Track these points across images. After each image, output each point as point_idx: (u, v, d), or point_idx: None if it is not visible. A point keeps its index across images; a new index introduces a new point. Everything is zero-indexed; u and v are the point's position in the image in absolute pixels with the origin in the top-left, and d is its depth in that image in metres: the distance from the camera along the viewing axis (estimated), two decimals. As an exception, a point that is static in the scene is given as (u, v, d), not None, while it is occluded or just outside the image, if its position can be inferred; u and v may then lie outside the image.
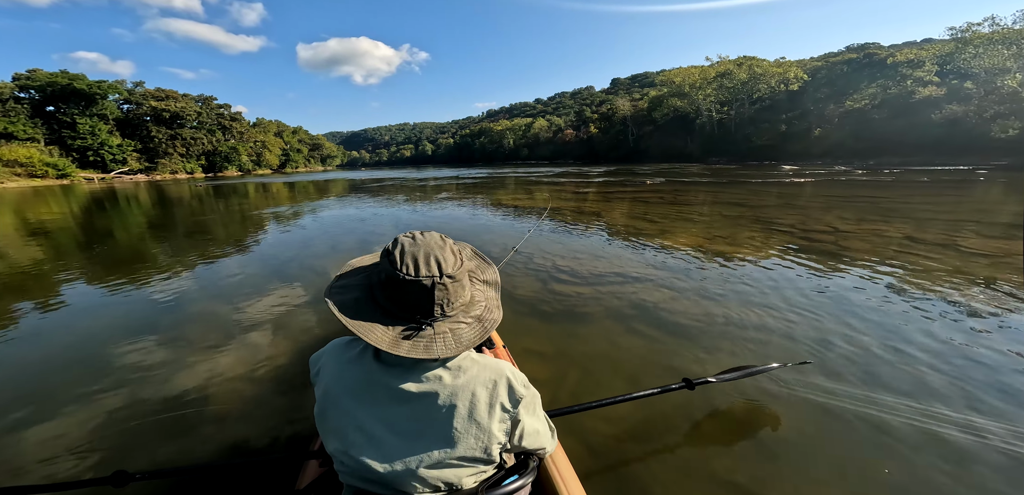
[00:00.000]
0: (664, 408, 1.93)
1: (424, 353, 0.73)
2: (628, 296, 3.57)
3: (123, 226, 9.47)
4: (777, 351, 2.57)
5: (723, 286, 3.80)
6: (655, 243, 5.64)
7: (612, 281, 4.01)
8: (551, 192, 14.29)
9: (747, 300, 3.43)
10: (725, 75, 53.81)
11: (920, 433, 1.80)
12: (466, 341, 0.79)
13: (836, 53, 54.38)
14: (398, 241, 0.81)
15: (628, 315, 3.18)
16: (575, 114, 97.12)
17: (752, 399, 2.02)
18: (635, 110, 72.97)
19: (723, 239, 5.77)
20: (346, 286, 0.83)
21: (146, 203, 15.43)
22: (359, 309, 0.78)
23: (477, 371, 0.82)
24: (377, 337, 0.74)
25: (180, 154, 66.70)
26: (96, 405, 2.24)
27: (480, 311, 0.85)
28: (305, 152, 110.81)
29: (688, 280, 4.00)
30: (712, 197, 11.44)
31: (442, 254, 0.79)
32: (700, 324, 2.99)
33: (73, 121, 51.35)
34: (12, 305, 3.95)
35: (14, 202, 17.11)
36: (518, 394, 0.84)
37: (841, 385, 2.16)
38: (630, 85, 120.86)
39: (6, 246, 7.24)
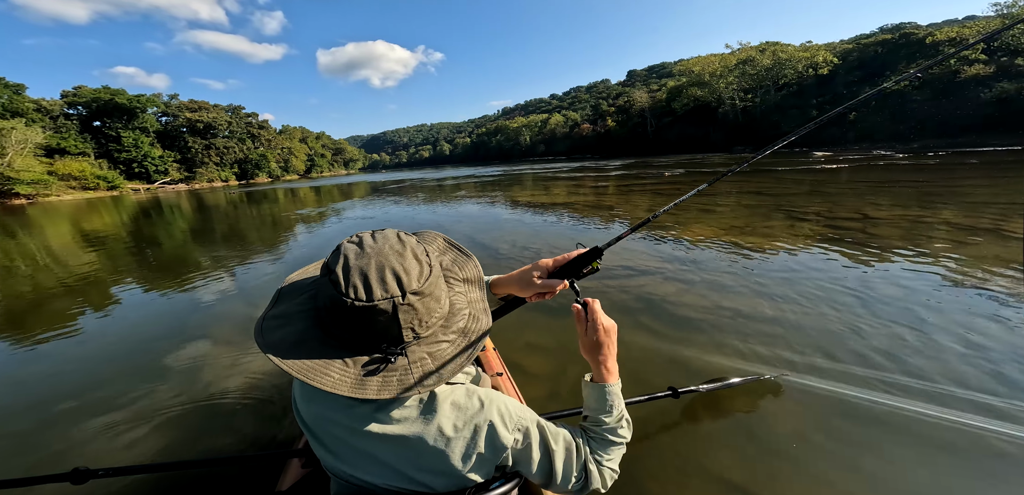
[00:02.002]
0: (652, 413, 1.90)
1: (398, 389, 0.58)
2: (635, 290, 3.50)
3: (168, 234, 10.10)
4: (784, 347, 2.46)
5: (735, 278, 3.65)
6: (668, 235, 5.49)
7: (620, 274, 3.94)
8: (568, 187, 14.16)
9: (760, 292, 3.29)
10: (747, 62, 51.72)
11: (927, 436, 1.69)
12: (452, 367, 0.63)
13: (868, 35, 51.15)
14: (341, 251, 0.61)
15: (634, 309, 3.11)
16: (591, 108, 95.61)
17: (736, 404, 1.96)
18: (653, 101, 71.17)
19: (740, 230, 5.54)
20: (284, 317, 0.64)
21: (188, 211, 16.34)
22: (305, 346, 0.60)
23: (452, 414, 0.66)
24: (334, 382, 0.57)
25: (215, 163, 70.34)
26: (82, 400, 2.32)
27: (464, 322, 0.68)
28: (329, 157, 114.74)
29: (699, 272, 3.87)
30: (731, 186, 11.01)
31: (403, 264, 0.60)
32: (708, 318, 2.89)
33: (117, 135, 55.07)
34: (67, 307, 4.29)
35: (70, 214, 18.57)
36: (502, 441, 0.68)
37: (833, 385, 2.07)
38: (647, 76, 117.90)
39: (66, 255, 7.88)
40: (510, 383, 1.59)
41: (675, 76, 74.30)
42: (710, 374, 2.17)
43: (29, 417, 2.26)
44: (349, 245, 0.62)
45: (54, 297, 4.72)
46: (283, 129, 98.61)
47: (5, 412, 2.32)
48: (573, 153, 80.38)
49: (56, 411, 2.28)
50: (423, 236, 0.79)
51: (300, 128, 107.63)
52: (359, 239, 0.63)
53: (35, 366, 2.92)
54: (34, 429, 2.14)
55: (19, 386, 2.64)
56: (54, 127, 49.77)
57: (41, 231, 11.86)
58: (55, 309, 4.25)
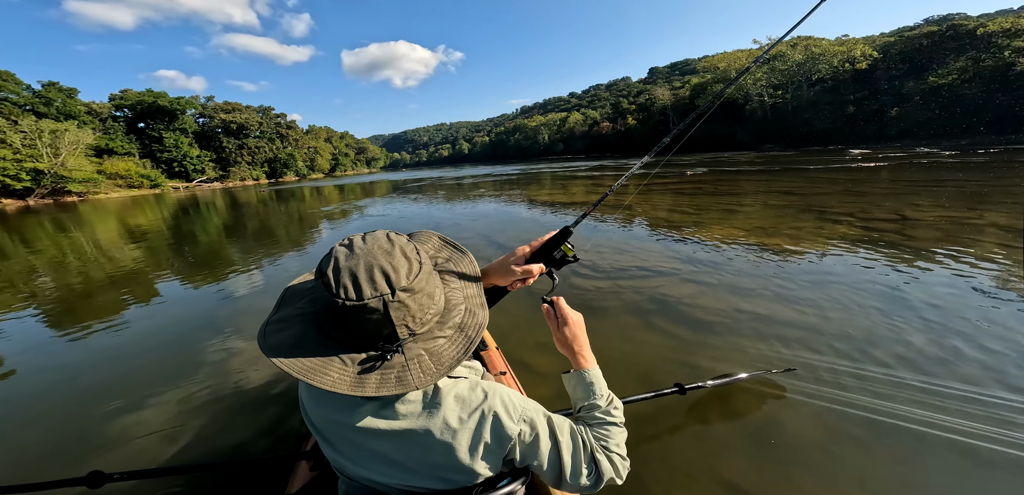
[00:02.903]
0: (659, 411, 1.89)
1: (397, 388, 0.60)
2: (649, 291, 3.45)
3: (204, 231, 10.68)
4: (803, 350, 2.37)
5: (756, 281, 3.54)
6: (686, 236, 5.36)
7: (634, 275, 3.88)
8: (586, 186, 14.02)
9: (783, 296, 3.17)
10: (777, 57, 49.51)
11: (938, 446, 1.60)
12: (448, 360, 0.64)
13: (912, 27, 47.80)
14: (333, 254, 0.63)
15: (647, 310, 3.07)
16: (611, 106, 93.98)
17: (744, 404, 1.94)
18: (676, 99, 69.36)
19: (764, 231, 5.35)
20: (285, 320, 0.67)
21: (222, 209, 17.14)
22: (305, 348, 0.62)
23: (456, 407, 0.67)
24: (334, 381, 0.59)
25: (247, 162, 73.63)
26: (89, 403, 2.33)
27: (460, 317, 0.69)
28: (352, 156, 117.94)
29: (717, 274, 3.77)
30: (758, 186, 10.61)
31: (391, 262, 0.61)
32: (725, 321, 2.82)
33: (160, 135, 58.58)
34: (107, 300, 4.64)
35: (117, 210, 19.96)
36: (507, 432, 0.68)
37: (833, 390, 2.01)
38: (669, 73, 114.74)
39: (113, 249, 8.49)
40: (514, 382, 1.60)
41: (699, 73, 72.10)
42: (739, 367, 2.14)
43: (67, 409, 2.36)
44: (340, 248, 0.64)
45: (101, 289, 5.10)
46: (309, 129, 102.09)
47: (49, 401, 2.45)
48: (592, 152, 79.44)
49: (87, 405, 2.40)
50: (417, 236, 0.81)
51: (325, 128, 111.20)
52: (350, 242, 0.64)
53: (79, 356, 3.11)
54: (70, 420, 2.23)
55: (64, 374, 2.86)
56: (103, 129, 53.44)
57: (91, 227, 12.79)
58: (101, 302, 4.60)
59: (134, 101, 58.19)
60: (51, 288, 5.22)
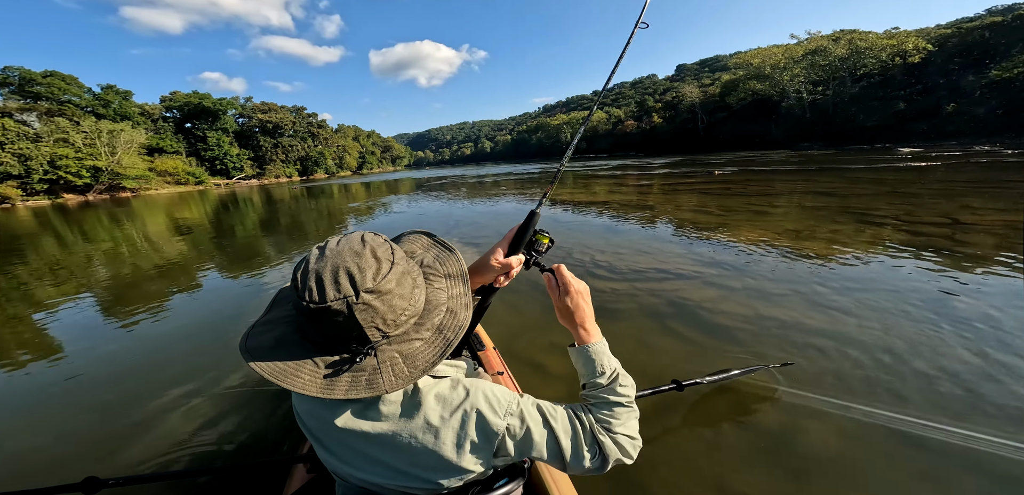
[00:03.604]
0: (656, 408, 1.87)
1: (367, 391, 0.59)
2: (668, 294, 3.34)
3: (242, 225, 11.33)
4: (832, 362, 2.23)
5: (784, 286, 3.36)
6: (711, 238, 5.16)
7: (653, 277, 3.78)
8: (608, 186, 13.79)
9: (813, 302, 3.00)
10: (818, 52, 46.81)
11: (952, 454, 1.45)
12: (423, 363, 0.63)
13: (972, 19, 43.68)
14: (306, 255, 0.63)
15: (665, 314, 2.98)
16: (636, 104, 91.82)
17: (741, 399, 1.96)
18: (705, 96, 66.99)
19: (797, 234, 5.07)
20: (269, 323, 0.67)
21: (258, 205, 18.07)
22: (282, 350, 0.62)
23: (437, 406, 0.67)
24: (304, 383, 0.59)
25: (281, 160, 77.22)
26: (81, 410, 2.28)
27: (440, 318, 0.68)
28: (378, 154, 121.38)
29: (742, 278, 3.61)
30: (793, 186, 10.06)
31: (359, 263, 0.60)
32: (747, 328, 2.70)
33: (204, 135, 62.40)
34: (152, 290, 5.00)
35: (165, 205, 21.48)
36: (493, 427, 0.67)
37: (833, 392, 1.97)
38: (698, 70, 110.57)
39: (162, 240, 9.16)
40: (512, 383, 1.58)
41: (730, 69, 69.30)
42: None
43: (66, 413, 2.34)
44: (314, 249, 0.63)
45: (148, 279, 5.51)
46: (339, 128, 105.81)
47: (46, 407, 2.39)
48: (615, 151, 78.03)
49: (87, 408, 2.38)
50: (406, 236, 0.80)
51: (353, 127, 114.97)
52: (325, 243, 0.64)
53: (83, 363, 2.97)
54: (66, 424, 2.19)
55: (63, 378, 2.79)
56: (154, 129, 57.46)
57: (143, 220, 13.84)
58: (147, 291, 4.96)
59: (182, 102, 62.28)
60: (104, 278, 5.69)
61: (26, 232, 12.04)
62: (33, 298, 4.75)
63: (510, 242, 0.92)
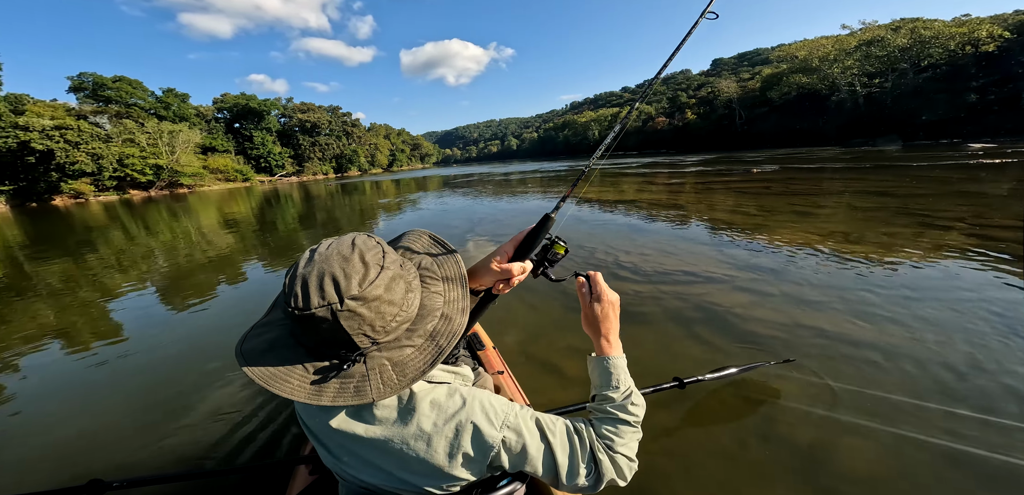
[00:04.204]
0: (658, 406, 1.84)
1: (354, 398, 0.58)
2: (695, 298, 3.17)
3: (282, 220, 12.04)
4: (881, 377, 2.02)
5: (827, 293, 3.09)
6: (746, 239, 4.86)
7: (680, 280, 3.61)
8: (637, 184, 13.38)
9: (859, 312, 2.74)
10: (873, 42, 43.05)
11: None
12: (413, 371, 0.61)
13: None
14: (297, 260, 0.62)
15: (690, 319, 2.83)
16: (668, 100, 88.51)
17: (744, 397, 1.93)
18: (744, 91, 63.60)
19: (844, 237, 4.66)
20: (266, 325, 0.66)
21: (297, 201, 19.09)
22: (275, 353, 0.61)
23: (431, 413, 0.65)
24: (292, 388, 0.58)
25: (318, 158, 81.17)
26: None
27: (433, 324, 0.65)
28: (408, 152, 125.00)
29: (779, 283, 3.36)
30: (842, 185, 9.30)
31: (345, 269, 0.58)
32: (782, 336, 2.51)
33: (250, 134, 66.72)
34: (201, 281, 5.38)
35: (217, 200, 23.18)
36: (488, 440, 0.65)
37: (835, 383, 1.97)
38: (736, 64, 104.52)
39: (213, 234, 9.89)
40: (512, 382, 1.55)
41: (772, 63, 65.43)
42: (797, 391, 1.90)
43: (64, 417, 2.48)
44: (306, 252, 0.62)
45: (199, 269, 5.94)
46: (371, 127, 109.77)
47: (46, 411, 2.61)
48: (645, 148, 75.82)
49: (84, 412, 2.49)
50: (407, 236, 0.79)
51: (384, 125, 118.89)
52: (316, 247, 0.63)
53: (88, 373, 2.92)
54: (69, 428, 2.17)
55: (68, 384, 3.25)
56: (207, 129, 62.09)
57: (197, 215, 15.00)
58: (197, 281, 5.35)
59: (231, 103, 66.89)
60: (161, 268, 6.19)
61: (98, 225, 13.39)
62: (102, 285, 5.26)
63: (517, 246, 0.86)
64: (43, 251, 8.37)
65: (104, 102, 45.62)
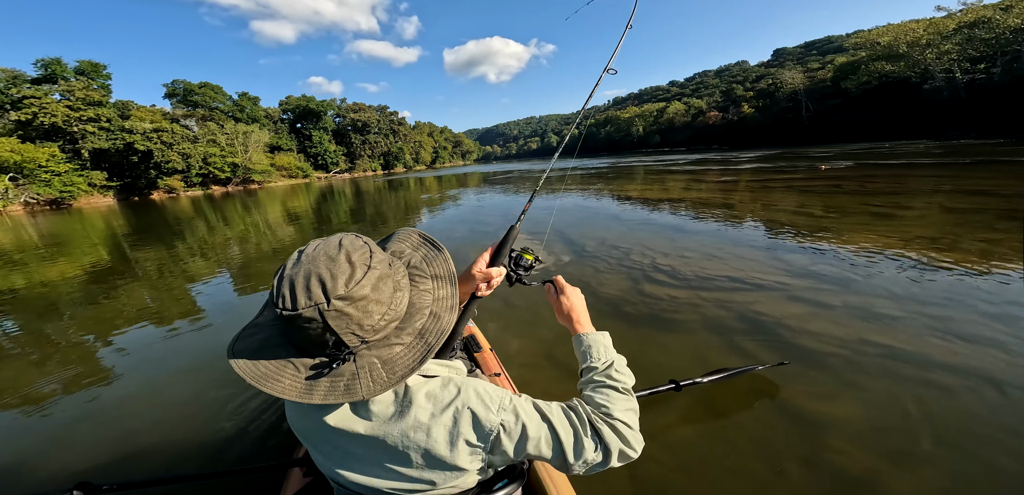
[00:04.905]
0: (654, 410, 1.84)
1: (345, 396, 0.59)
2: (739, 306, 2.91)
3: (336, 214, 12.98)
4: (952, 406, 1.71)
5: (904, 306, 2.70)
6: (806, 243, 4.38)
7: (722, 286, 3.33)
8: (685, 182, 12.63)
9: (942, 328, 2.37)
10: (977, 24, 36.82)
11: None
12: (402, 369, 0.62)
13: None
14: (285, 261, 0.62)
15: (732, 329, 2.60)
16: (721, 94, 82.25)
17: (739, 399, 1.92)
18: (811, 82, 57.52)
19: (933, 242, 4.04)
20: (257, 326, 0.66)
21: (349, 196, 20.40)
22: (266, 353, 0.62)
23: (427, 404, 0.66)
24: (284, 388, 0.59)
25: (367, 156, 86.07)
26: None
27: (422, 323, 0.66)
28: (450, 149, 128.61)
29: (843, 294, 2.98)
30: (934, 184, 8.07)
31: (332, 269, 0.58)
32: (841, 353, 2.22)
33: (309, 134, 72.42)
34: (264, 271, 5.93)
35: (281, 195, 25.48)
36: (487, 424, 0.66)
37: None
38: (802, 54, 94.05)
39: (277, 226, 10.91)
40: (508, 384, 1.53)
41: (847, 51, 58.47)
42: None
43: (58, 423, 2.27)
44: (294, 253, 0.63)
45: (265, 258, 6.56)
46: (416, 125, 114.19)
47: None
48: (694, 144, 71.39)
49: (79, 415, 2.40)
50: (397, 236, 0.79)
51: (428, 123, 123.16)
52: (303, 248, 0.63)
53: None
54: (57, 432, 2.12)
55: None
56: (274, 129, 68.32)
57: (265, 209, 16.60)
58: (261, 271, 5.90)
59: (294, 105, 72.95)
60: (235, 257, 6.91)
61: (185, 217, 15.29)
62: (186, 271, 5.99)
63: (494, 252, 0.95)
64: (143, 238, 9.74)
65: (192, 106, 51.95)
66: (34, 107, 33.43)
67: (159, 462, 1.82)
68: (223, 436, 1.96)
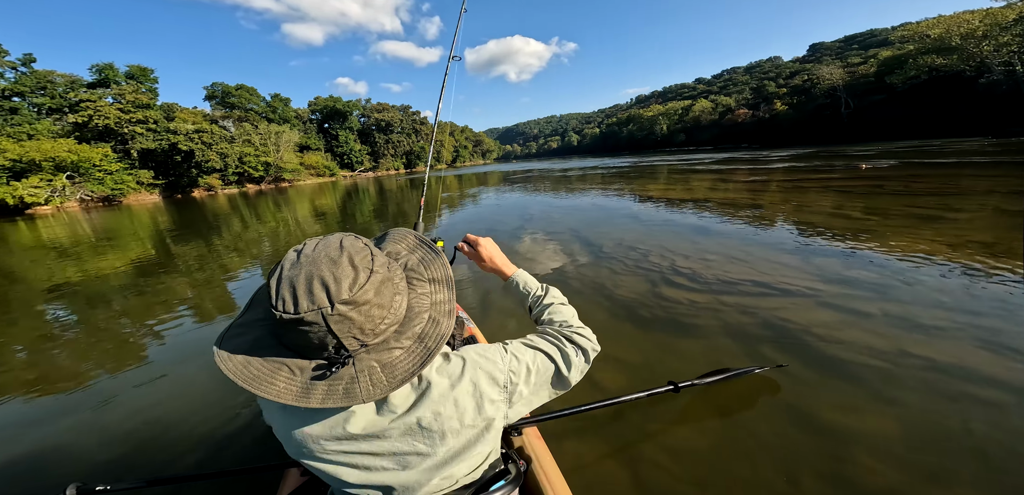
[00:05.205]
0: (652, 411, 1.85)
1: (343, 400, 0.57)
2: (764, 313, 2.77)
3: (360, 212, 13.41)
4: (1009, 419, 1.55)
5: (950, 316, 2.49)
6: (843, 247, 4.12)
7: (746, 291, 3.18)
8: (710, 182, 12.20)
9: (994, 342, 2.17)
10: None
11: None
12: (402, 372, 0.61)
13: None
14: (281, 260, 0.60)
15: (754, 336, 2.48)
16: (752, 90, 78.76)
17: (736, 401, 1.89)
18: (852, 77, 54.22)
19: (986, 247, 3.71)
20: (245, 325, 0.64)
21: (373, 194, 20.88)
22: (256, 354, 0.60)
23: (443, 380, 0.66)
24: (278, 391, 0.57)
25: (390, 155, 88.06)
26: None
27: (421, 327, 0.65)
28: (470, 148, 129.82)
29: (882, 301, 2.79)
30: (990, 184, 7.43)
31: (335, 271, 0.57)
32: (877, 365, 2.07)
33: (336, 134, 74.87)
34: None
35: (310, 193, 26.51)
36: (498, 374, 0.72)
37: None
38: (842, 48, 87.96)
39: (306, 223, 11.35)
40: None
41: (893, 44, 54.68)
42: None
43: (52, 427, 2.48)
44: (291, 253, 0.61)
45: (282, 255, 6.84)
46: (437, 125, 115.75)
47: None
48: (721, 143, 68.76)
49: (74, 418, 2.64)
50: (391, 235, 0.77)
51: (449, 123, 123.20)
52: (301, 247, 0.61)
53: None
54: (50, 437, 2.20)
55: None
56: (303, 129, 71.06)
57: (294, 206, 17.33)
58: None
59: (322, 106, 75.59)
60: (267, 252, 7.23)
61: (223, 213, 16.16)
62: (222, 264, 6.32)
63: None
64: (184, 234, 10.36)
65: (229, 107, 54.85)
66: (90, 110, 36.27)
67: (154, 463, 1.79)
68: (219, 436, 1.93)
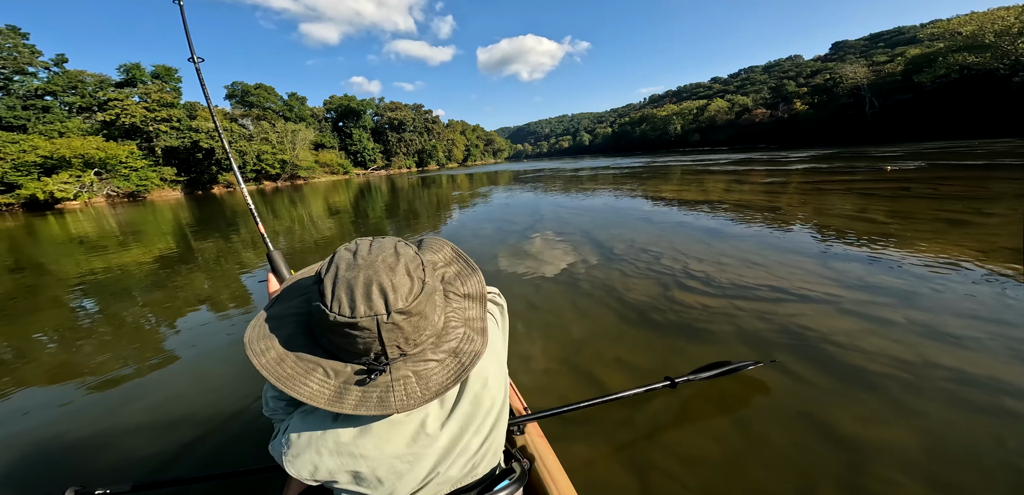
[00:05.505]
0: (650, 406, 1.88)
1: (377, 408, 0.57)
2: (780, 319, 2.70)
3: (372, 210, 13.58)
4: None
5: (978, 325, 2.39)
6: (865, 252, 3.98)
7: (762, 296, 3.10)
8: (725, 183, 11.95)
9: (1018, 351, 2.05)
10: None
11: None
12: (436, 385, 0.60)
13: None
14: (335, 259, 0.59)
15: (768, 342, 2.42)
16: (770, 90, 76.76)
17: (733, 396, 1.93)
18: (877, 76, 52.43)
19: (1018, 254, 3.53)
20: (277, 318, 0.63)
21: (385, 192, 21.13)
22: (289, 351, 0.59)
23: (479, 365, 0.69)
24: (311, 392, 0.56)
25: (403, 153, 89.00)
26: None
27: (456, 343, 0.64)
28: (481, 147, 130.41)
29: (907, 309, 2.68)
30: (1021, 186, 7.07)
31: (392, 279, 0.56)
32: (900, 375, 2.00)
33: (350, 132, 76.01)
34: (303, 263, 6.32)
35: (324, 190, 27.00)
36: (500, 316, 0.86)
37: None
38: (867, 47, 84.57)
39: (320, 220, 11.58)
40: (510, 389, 1.47)
41: (922, 42, 52.69)
42: None
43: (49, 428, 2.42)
44: (345, 252, 0.60)
45: (309, 250, 6.98)
46: (449, 123, 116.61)
47: None
48: (738, 143, 67.27)
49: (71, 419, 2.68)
50: (429, 244, 0.75)
51: (461, 122, 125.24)
52: (355, 248, 0.60)
53: None
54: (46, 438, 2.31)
55: None
56: (318, 128, 72.36)
57: (308, 203, 17.69)
58: (300, 263, 6.28)
59: (337, 105, 76.86)
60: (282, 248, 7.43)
61: (241, 209, 16.60)
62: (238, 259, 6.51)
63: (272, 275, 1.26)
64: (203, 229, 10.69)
65: (248, 106, 56.24)
66: (117, 108, 37.71)
67: (156, 464, 1.77)
68: (224, 437, 1.91)
